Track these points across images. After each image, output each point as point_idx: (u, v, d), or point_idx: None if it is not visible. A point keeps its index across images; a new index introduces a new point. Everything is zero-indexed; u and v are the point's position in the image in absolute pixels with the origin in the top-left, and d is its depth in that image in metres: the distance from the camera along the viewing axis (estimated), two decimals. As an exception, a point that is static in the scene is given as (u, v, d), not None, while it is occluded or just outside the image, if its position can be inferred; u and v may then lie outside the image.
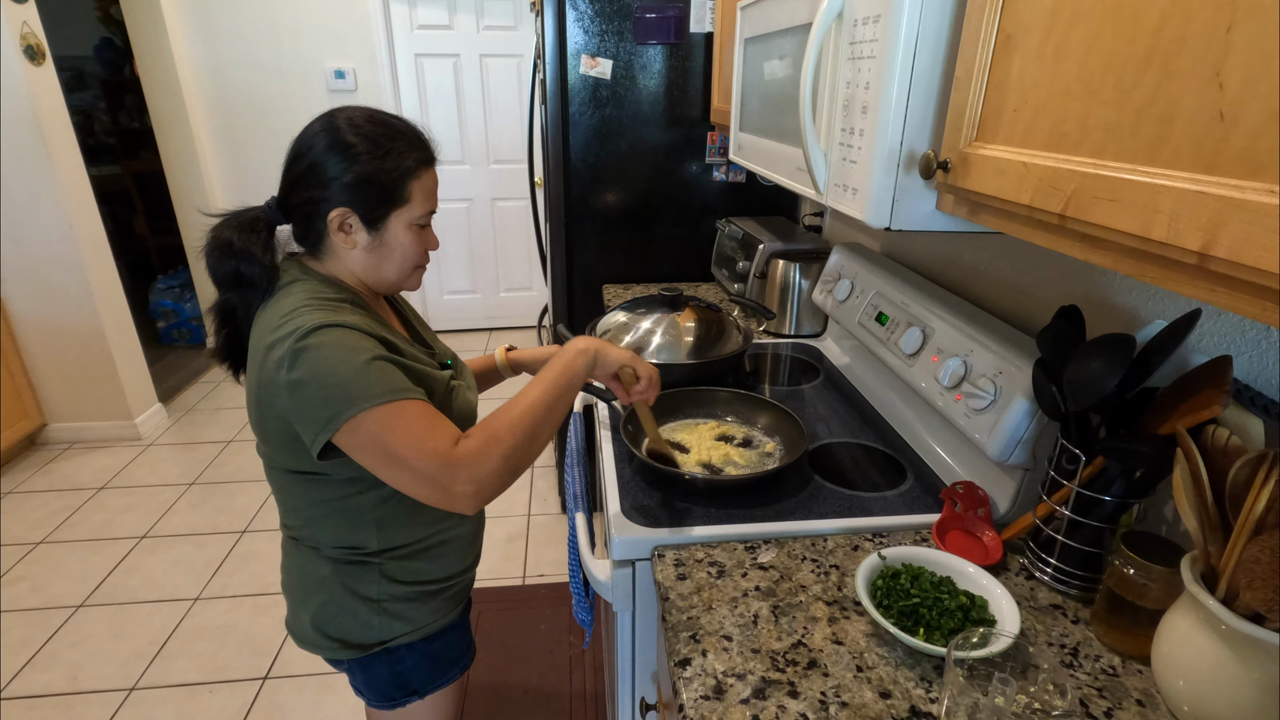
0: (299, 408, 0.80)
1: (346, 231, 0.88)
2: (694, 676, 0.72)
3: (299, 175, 0.87)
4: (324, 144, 0.85)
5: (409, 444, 0.78)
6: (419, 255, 0.93)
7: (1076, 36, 0.54)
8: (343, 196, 0.86)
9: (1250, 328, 0.73)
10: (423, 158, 0.90)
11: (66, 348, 2.90)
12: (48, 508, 2.61)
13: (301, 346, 0.79)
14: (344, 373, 0.78)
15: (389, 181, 0.86)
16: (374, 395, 0.78)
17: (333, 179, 0.85)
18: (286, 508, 0.95)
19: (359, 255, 0.90)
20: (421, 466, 0.78)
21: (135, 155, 4.51)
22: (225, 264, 0.87)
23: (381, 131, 0.87)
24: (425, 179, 0.90)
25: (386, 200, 0.87)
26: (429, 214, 0.92)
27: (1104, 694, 0.70)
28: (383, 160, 0.86)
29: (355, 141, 0.85)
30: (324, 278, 0.90)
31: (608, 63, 1.93)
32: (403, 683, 1.03)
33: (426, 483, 0.79)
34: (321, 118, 0.88)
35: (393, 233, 0.89)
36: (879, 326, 1.28)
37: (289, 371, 0.79)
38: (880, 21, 0.73)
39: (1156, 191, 0.46)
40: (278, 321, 0.82)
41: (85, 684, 1.83)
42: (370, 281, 0.93)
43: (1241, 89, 0.40)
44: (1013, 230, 0.64)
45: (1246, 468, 0.62)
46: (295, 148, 0.88)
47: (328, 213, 0.86)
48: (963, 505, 0.95)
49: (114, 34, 4.34)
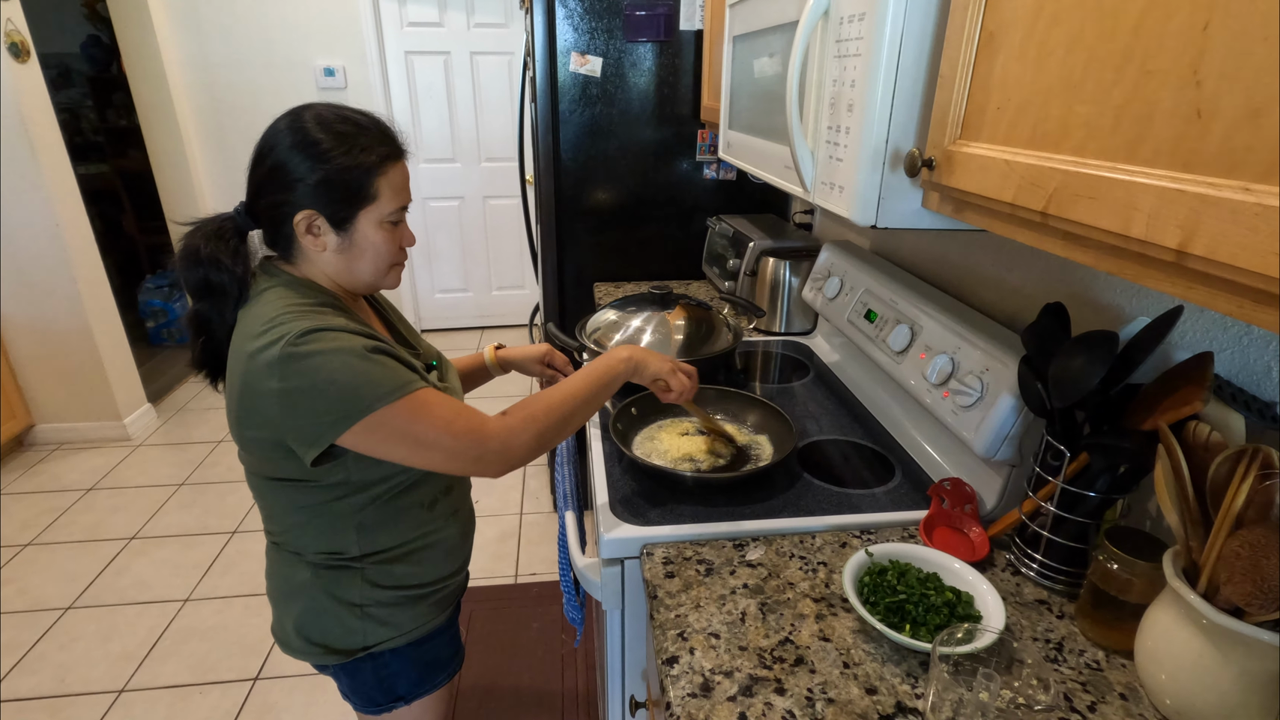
0: (292, 416, 0.79)
1: (315, 234, 0.85)
2: (681, 674, 0.72)
3: (262, 179, 0.85)
4: (285, 145, 0.83)
5: (440, 428, 0.82)
6: (393, 253, 0.91)
7: (1058, 35, 0.54)
8: (307, 198, 0.83)
9: (1231, 324, 0.74)
10: (388, 152, 0.87)
11: (54, 348, 2.88)
12: (35, 509, 2.59)
13: (291, 353, 0.77)
14: (346, 376, 0.78)
15: (354, 180, 0.84)
16: (388, 392, 0.79)
17: (296, 181, 0.83)
18: (267, 514, 0.94)
19: (330, 258, 0.88)
20: (457, 446, 0.83)
21: (123, 154, 4.47)
22: (194, 272, 0.85)
23: (343, 129, 0.84)
24: (393, 175, 0.87)
25: (353, 199, 0.85)
26: (401, 210, 0.89)
27: (1088, 688, 0.70)
28: (346, 158, 0.83)
29: (317, 140, 0.83)
30: (300, 282, 0.88)
31: (597, 60, 1.93)
32: (388, 688, 1.02)
33: (459, 458, 0.84)
34: (283, 117, 0.86)
35: (362, 232, 0.87)
36: (868, 324, 1.28)
37: (280, 380, 0.77)
38: (865, 19, 0.73)
39: (1136, 189, 0.46)
40: (259, 328, 0.80)
41: (74, 686, 1.82)
42: (345, 283, 0.91)
43: (1218, 87, 0.41)
44: (996, 228, 0.65)
45: (1227, 463, 0.62)
46: (257, 150, 0.86)
47: (293, 216, 0.84)
48: (950, 502, 0.96)
49: (101, 31, 4.30)
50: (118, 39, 3.41)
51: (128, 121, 4.26)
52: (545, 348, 1.25)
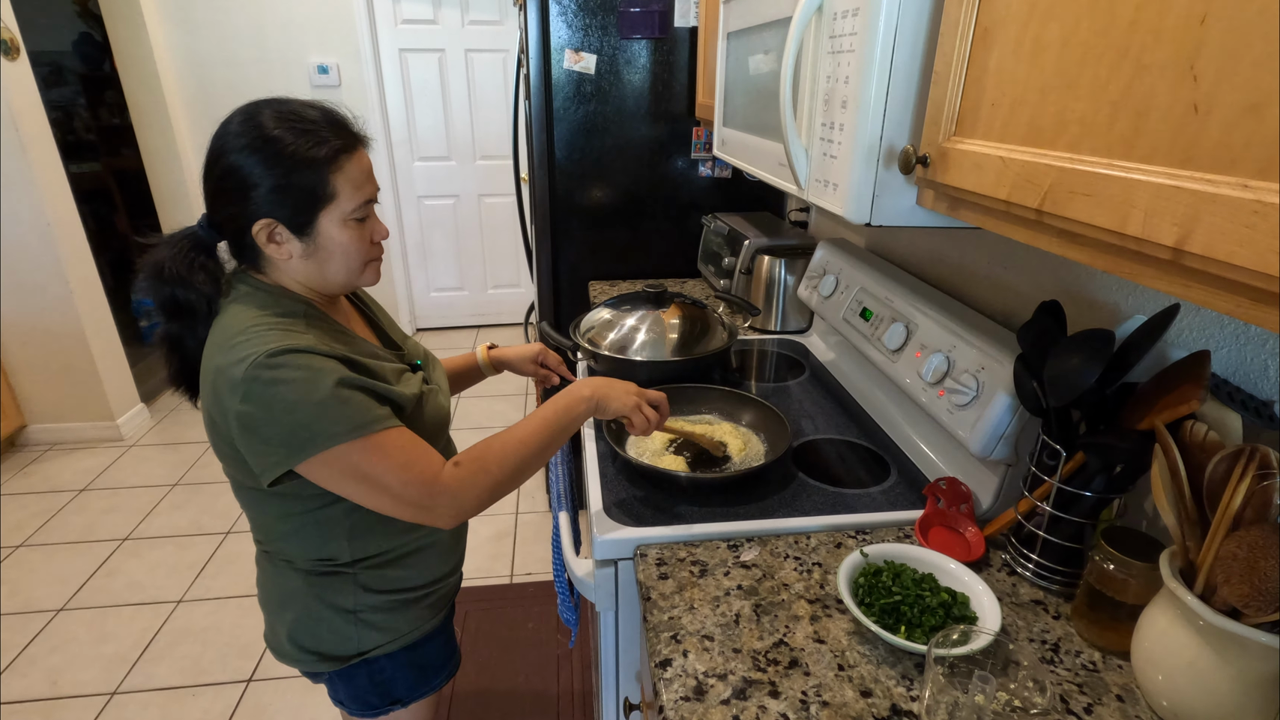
0: (247, 440, 0.77)
1: (277, 242, 0.82)
2: (675, 677, 0.72)
3: (214, 189, 0.82)
4: (232, 151, 0.79)
5: (391, 473, 0.79)
6: (364, 251, 0.86)
7: (1053, 29, 0.54)
8: (262, 207, 0.79)
9: (1229, 322, 0.73)
10: (341, 146, 0.81)
11: (46, 348, 2.86)
12: (27, 510, 2.57)
13: (255, 376, 0.74)
14: (305, 410, 0.75)
15: (307, 182, 0.79)
16: (345, 431, 0.76)
17: (248, 189, 0.79)
18: (255, 523, 0.93)
19: (298, 264, 0.84)
20: (406, 493, 0.80)
21: (116, 152, 4.44)
22: (160, 290, 0.82)
23: (290, 126, 0.79)
24: (350, 169, 0.82)
25: (310, 202, 0.80)
26: (366, 204, 0.84)
27: (1084, 690, 0.70)
28: (296, 159, 0.78)
29: (264, 143, 0.78)
30: (272, 290, 0.85)
31: (591, 58, 1.92)
32: (385, 691, 1.01)
33: (408, 506, 0.81)
34: (226, 120, 0.81)
35: (327, 234, 0.82)
36: (863, 322, 1.27)
37: (241, 401, 0.75)
38: (859, 15, 0.72)
39: (1132, 186, 0.45)
40: (228, 342, 0.78)
41: (66, 689, 1.81)
42: (318, 287, 0.87)
43: (1215, 82, 0.40)
44: (991, 225, 0.64)
45: (1224, 463, 0.61)
46: (206, 158, 0.81)
47: (250, 226, 0.80)
48: (946, 501, 0.95)
49: (92, 28, 4.26)
50: (109, 37, 3.38)
51: (120, 120, 4.23)
52: (538, 347, 1.25)
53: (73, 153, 4.31)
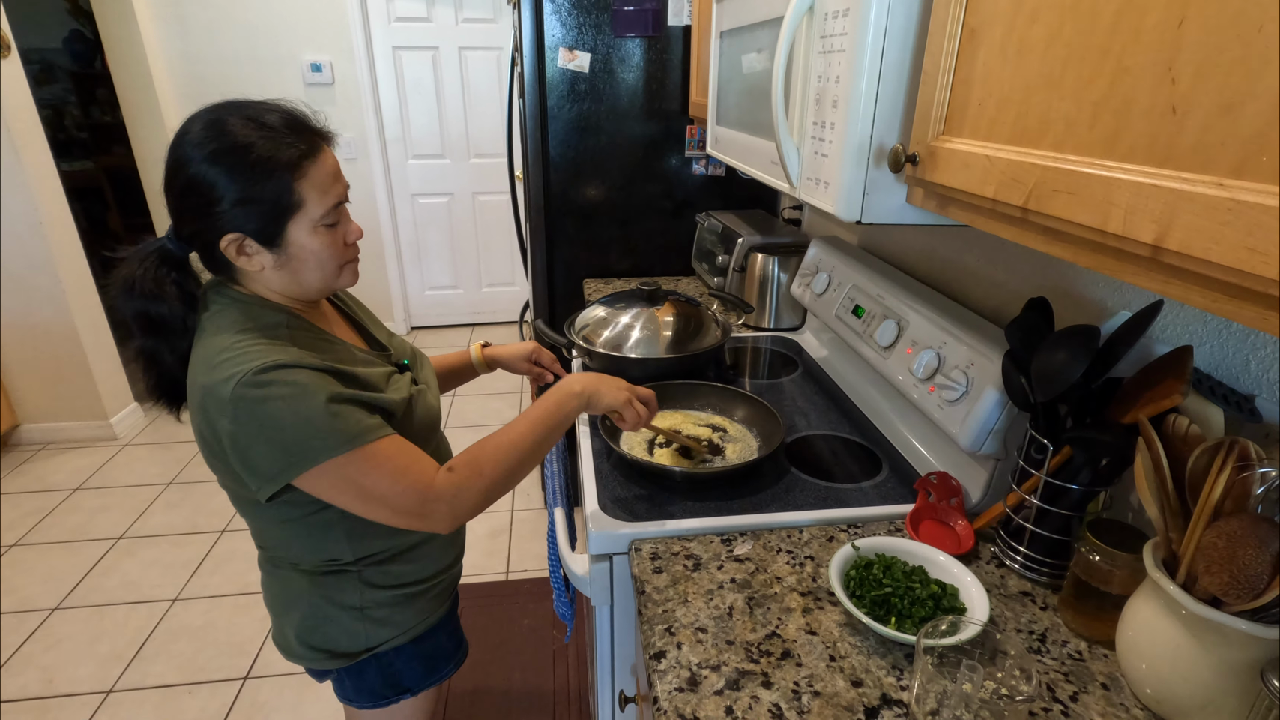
0: (240, 458, 0.77)
1: (247, 254, 0.79)
2: (669, 669, 0.73)
3: (178, 207, 0.79)
4: (193, 159, 0.75)
5: (385, 483, 0.79)
6: (338, 255, 0.84)
7: (1038, 31, 0.55)
8: (227, 221, 0.77)
9: (1210, 318, 0.75)
10: (304, 151, 0.78)
11: (38, 346, 2.85)
12: (21, 510, 2.56)
13: (243, 395, 0.73)
14: (296, 426, 0.75)
15: (270, 192, 0.77)
16: (337, 444, 0.76)
17: (211, 202, 0.76)
18: (255, 531, 0.93)
19: (271, 275, 0.82)
20: (400, 502, 0.80)
21: (108, 150, 4.42)
22: (130, 304, 0.80)
23: (246, 132, 0.76)
24: (314, 174, 0.79)
25: (276, 214, 0.78)
26: (335, 207, 0.82)
27: (1070, 678, 0.71)
28: (256, 169, 0.75)
29: (223, 154, 0.75)
30: (250, 300, 0.83)
31: (586, 56, 1.93)
32: (395, 683, 1.02)
33: (404, 515, 0.81)
34: (183, 128, 0.77)
35: (298, 243, 0.80)
36: (856, 319, 1.28)
37: (231, 420, 0.74)
38: (850, 15, 0.73)
39: (1112, 185, 0.46)
40: (212, 360, 0.76)
41: (61, 688, 1.81)
42: (295, 295, 0.85)
43: (1192, 83, 0.41)
44: (979, 223, 0.65)
45: (1205, 455, 0.63)
46: (165, 172, 0.78)
47: (218, 241, 0.78)
48: (936, 495, 0.96)
49: (84, 26, 4.25)
50: (101, 34, 3.36)
51: (112, 118, 4.22)
52: (532, 345, 1.25)
53: (64, 150, 4.30)
